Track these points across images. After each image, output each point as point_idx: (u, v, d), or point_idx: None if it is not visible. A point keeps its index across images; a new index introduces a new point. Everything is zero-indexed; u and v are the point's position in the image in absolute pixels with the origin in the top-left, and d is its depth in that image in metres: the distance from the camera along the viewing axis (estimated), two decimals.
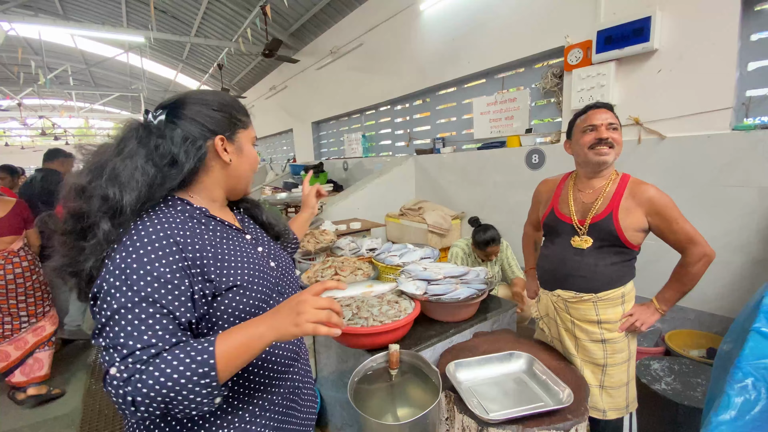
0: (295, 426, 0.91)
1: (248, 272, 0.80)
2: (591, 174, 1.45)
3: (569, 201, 1.48)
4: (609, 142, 1.36)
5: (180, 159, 0.76)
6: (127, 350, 0.61)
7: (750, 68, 2.06)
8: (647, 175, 2.30)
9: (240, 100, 0.93)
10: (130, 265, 0.66)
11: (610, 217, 1.37)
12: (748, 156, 1.95)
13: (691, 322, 2.20)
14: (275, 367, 0.85)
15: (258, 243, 0.93)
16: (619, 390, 1.45)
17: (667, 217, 1.33)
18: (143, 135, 0.78)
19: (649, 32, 2.21)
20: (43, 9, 7.56)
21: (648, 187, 1.36)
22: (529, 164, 3.03)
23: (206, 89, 0.90)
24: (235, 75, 9.48)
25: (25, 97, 10.80)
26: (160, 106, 0.82)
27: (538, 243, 1.83)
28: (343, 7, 5.24)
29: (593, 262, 1.41)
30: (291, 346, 0.91)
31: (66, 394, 2.75)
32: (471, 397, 1.20)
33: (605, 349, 1.43)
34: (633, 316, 1.42)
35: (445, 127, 4.24)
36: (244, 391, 0.80)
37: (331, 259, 2.08)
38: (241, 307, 0.77)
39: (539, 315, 1.66)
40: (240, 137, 0.87)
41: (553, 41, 2.82)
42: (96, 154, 0.78)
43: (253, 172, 0.92)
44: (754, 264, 1.97)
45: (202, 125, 0.81)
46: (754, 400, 0.93)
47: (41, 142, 19.30)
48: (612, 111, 1.42)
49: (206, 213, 0.82)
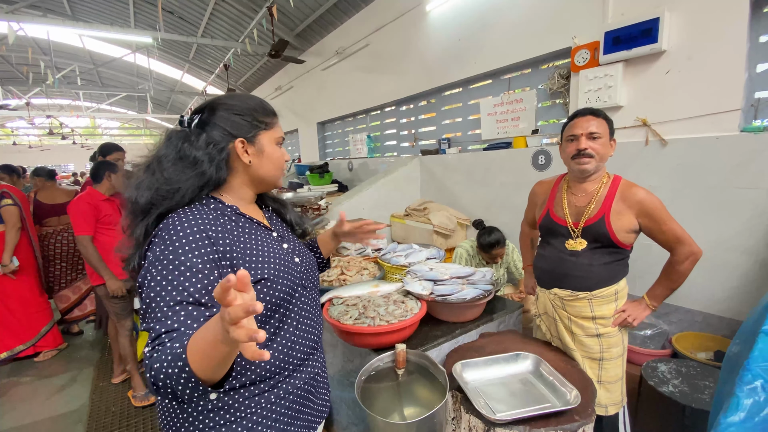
0: (312, 411, 0.99)
1: (274, 267, 0.86)
2: (579, 180, 1.51)
3: (564, 204, 1.54)
4: (588, 153, 1.42)
5: (204, 162, 0.83)
6: (155, 333, 0.66)
7: (759, 70, 2.04)
8: (655, 177, 2.31)
9: None
10: (167, 257, 0.73)
11: (602, 220, 1.42)
12: (757, 158, 1.93)
13: (699, 324, 2.19)
14: (298, 354, 0.92)
15: (284, 240, 0.99)
16: (615, 384, 1.52)
17: (656, 219, 1.39)
18: (177, 142, 0.86)
19: (658, 33, 2.19)
20: (51, 9, 7.64)
21: (638, 189, 1.42)
22: (536, 165, 3.03)
23: (236, 93, 0.97)
24: (241, 75, 9.53)
25: (33, 96, 10.91)
26: (194, 111, 0.90)
27: (535, 241, 1.89)
28: (349, 7, 5.26)
29: (588, 263, 1.47)
30: (312, 337, 0.98)
31: (74, 391, 2.78)
32: (478, 397, 1.20)
33: (601, 344, 1.49)
34: (625, 312, 1.49)
35: (451, 128, 4.24)
36: (269, 378, 0.86)
37: (337, 259, 2.09)
38: (268, 299, 0.83)
39: (537, 313, 1.71)
40: (261, 139, 0.91)
41: (560, 42, 2.82)
42: (139, 163, 0.89)
43: (279, 170, 0.96)
44: (763, 266, 1.96)
45: (223, 129, 0.86)
46: (763, 401, 0.93)
47: (48, 142, 19.50)
48: (600, 117, 1.45)
49: (237, 211, 0.90)
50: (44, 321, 3.31)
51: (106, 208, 2.51)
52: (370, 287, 1.67)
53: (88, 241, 2.39)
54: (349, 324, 1.40)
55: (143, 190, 0.82)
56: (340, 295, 1.62)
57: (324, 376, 1.08)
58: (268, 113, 0.93)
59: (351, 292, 1.64)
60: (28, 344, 3.21)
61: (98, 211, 2.47)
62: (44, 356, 3.28)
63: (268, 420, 0.85)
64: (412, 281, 1.65)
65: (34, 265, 3.27)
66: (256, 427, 0.84)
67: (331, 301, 1.61)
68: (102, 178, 2.54)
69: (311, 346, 0.98)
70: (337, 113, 6.38)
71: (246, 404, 0.83)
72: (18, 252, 3.06)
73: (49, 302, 3.44)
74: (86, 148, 17.14)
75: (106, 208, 2.51)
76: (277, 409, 0.87)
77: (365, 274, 1.93)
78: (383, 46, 4.81)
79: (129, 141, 22.82)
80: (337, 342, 1.72)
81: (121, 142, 21.04)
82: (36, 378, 3.00)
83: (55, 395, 2.75)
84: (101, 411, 2.54)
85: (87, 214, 2.40)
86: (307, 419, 0.97)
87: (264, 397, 0.85)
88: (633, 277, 1.60)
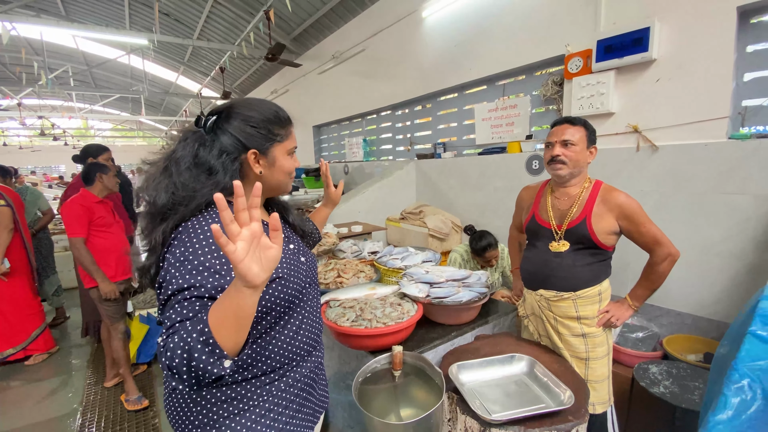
0: (315, 401, 1.04)
1: (286, 266, 0.91)
2: (560, 184, 1.58)
3: (548, 208, 1.60)
4: (560, 160, 1.49)
5: (218, 171, 0.86)
6: (171, 322, 0.70)
7: (746, 79, 2.10)
8: (645, 182, 2.36)
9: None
10: (187, 257, 0.76)
11: (584, 223, 1.48)
12: (745, 164, 1.98)
13: (689, 327, 2.23)
14: (304, 347, 0.97)
15: (290, 241, 1.03)
16: (602, 384, 1.56)
17: (635, 221, 1.45)
18: (194, 144, 0.88)
19: (648, 42, 2.25)
20: (45, 10, 7.60)
21: (618, 193, 1.48)
22: (530, 170, 3.07)
23: (253, 101, 0.94)
24: (237, 78, 9.53)
25: (25, 97, 10.80)
26: (211, 112, 0.91)
27: (523, 244, 1.94)
28: (345, 12, 5.30)
29: (571, 264, 1.53)
30: (316, 330, 1.03)
31: (65, 396, 2.75)
32: (473, 399, 1.22)
33: (586, 343, 1.54)
34: (609, 312, 1.54)
35: (446, 132, 4.28)
36: (278, 368, 0.91)
37: (333, 262, 2.10)
38: (282, 296, 0.88)
39: (525, 314, 1.76)
40: (274, 151, 0.93)
41: (554, 50, 2.87)
42: (152, 164, 0.92)
43: (289, 178, 0.99)
44: (750, 270, 2.01)
45: (237, 140, 0.88)
46: (750, 400, 0.96)
47: (39, 142, 19.27)
48: (578, 125, 1.51)
49: None
50: (36, 324, 3.27)
51: (99, 210, 2.48)
52: (367, 290, 1.68)
53: (81, 244, 2.37)
54: (346, 326, 1.41)
55: (161, 191, 0.85)
56: (337, 298, 1.63)
57: (323, 369, 1.14)
58: (284, 124, 0.94)
59: (348, 294, 1.66)
60: (18, 347, 3.17)
61: (91, 213, 2.45)
62: (34, 360, 3.23)
63: (278, 407, 0.90)
64: (409, 284, 1.66)
65: (26, 268, 3.24)
66: (267, 414, 0.88)
67: (328, 304, 1.62)
68: (93, 180, 2.51)
69: (315, 338, 1.03)
70: (333, 117, 6.40)
71: (258, 393, 0.88)
72: (10, 254, 3.03)
73: (42, 305, 3.40)
74: (78, 150, 16.94)
75: (100, 210, 2.49)
76: (286, 396, 0.92)
77: (362, 276, 1.95)
78: (380, 51, 4.85)
79: (122, 142, 22.66)
80: (333, 344, 1.73)
81: (113, 143, 20.90)
82: (26, 382, 2.96)
83: (46, 399, 2.72)
84: (93, 415, 2.51)
85: (80, 216, 2.39)
86: (311, 408, 1.02)
87: (274, 386, 0.90)
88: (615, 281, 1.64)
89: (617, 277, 1.61)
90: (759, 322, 1.09)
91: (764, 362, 1.01)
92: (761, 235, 1.96)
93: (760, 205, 1.95)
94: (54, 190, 11.32)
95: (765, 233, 1.94)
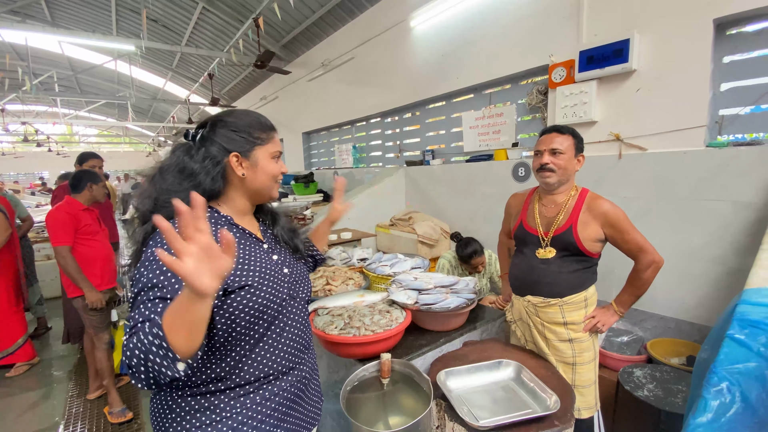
0: (300, 415, 1.01)
1: (259, 275, 0.91)
2: (548, 192, 1.60)
3: (535, 215, 1.62)
4: (549, 168, 1.51)
5: (200, 175, 0.89)
6: (134, 322, 0.71)
7: (722, 89, 2.17)
8: (628, 189, 2.41)
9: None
10: (155, 258, 0.78)
11: (570, 230, 1.51)
12: (723, 171, 2.05)
13: (672, 330, 2.28)
14: (284, 362, 0.95)
15: (274, 252, 1.03)
16: (588, 389, 1.58)
17: (620, 229, 1.47)
18: (180, 154, 0.93)
19: (628, 53, 2.32)
20: (30, 15, 7.49)
21: (603, 201, 1.50)
22: (516, 177, 3.11)
23: (236, 110, 1.00)
24: (226, 84, 9.49)
25: (8, 102, 10.59)
26: (198, 125, 0.96)
27: (511, 250, 1.96)
28: (335, 21, 5.34)
29: (557, 270, 1.54)
30: (299, 345, 1.01)
31: (47, 408, 2.68)
32: (461, 405, 1.22)
33: (573, 348, 1.56)
34: (595, 318, 1.57)
35: (435, 140, 4.32)
36: (254, 381, 0.90)
37: (322, 269, 2.09)
38: (251, 305, 0.87)
39: (513, 319, 1.77)
40: (256, 154, 0.95)
41: (538, 60, 2.93)
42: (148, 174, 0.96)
43: (274, 182, 1.00)
44: (730, 274, 2.06)
45: (220, 145, 0.92)
46: (729, 402, 0.98)
47: (22, 149, 18.87)
48: (566, 133, 1.54)
49: (230, 221, 0.95)
50: (20, 332, 3.19)
51: (85, 218, 2.44)
52: (356, 297, 1.68)
53: (67, 252, 2.32)
54: (334, 334, 1.41)
55: (145, 198, 0.90)
56: (326, 306, 1.63)
57: (316, 383, 1.11)
58: (265, 129, 0.98)
59: (336, 302, 1.65)
60: (4, 353, 3.08)
61: (77, 221, 2.40)
62: (15, 371, 3.14)
63: (253, 421, 0.89)
64: (397, 291, 1.67)
65: (13, 275, 3.16)
66: (241, 428, 0.87)
67: (316, 312, 1.61)
68: (83, 188, 2.47)
69: (297, 354, 1.00)
70: (322, 124, 6.42)
71: (231, 404, 0.87)
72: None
73: (25, 314, 3.31)
74: (62, 156, 16.64)
75: (86, 218, 2.45)
76: (263, 410, 0.91)
77: (350, 284, 1.94)
78: (368, 59, 4.89)
79: (108, 149, 22.30)
80: (322, 353, 1.72)
81: (99, 150, 20.58)
82: (7, 394, 2.87)
83: (27, 412, 2.64)
84: (75, 428, 2.44)
85: (66, 223, 2.34)
86: (294, 422, 0.99)
87: (249, 398, 0.89)
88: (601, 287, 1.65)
89: (602, 282, 1.64)
90: (737, 326, 1.12)
91: (742, 365, 1.04)
92: (740, 241, 2.01)
93: (739, 211, 2.01)
94: (36, 197, 11.08)
95: (744, 239, 2.00)
